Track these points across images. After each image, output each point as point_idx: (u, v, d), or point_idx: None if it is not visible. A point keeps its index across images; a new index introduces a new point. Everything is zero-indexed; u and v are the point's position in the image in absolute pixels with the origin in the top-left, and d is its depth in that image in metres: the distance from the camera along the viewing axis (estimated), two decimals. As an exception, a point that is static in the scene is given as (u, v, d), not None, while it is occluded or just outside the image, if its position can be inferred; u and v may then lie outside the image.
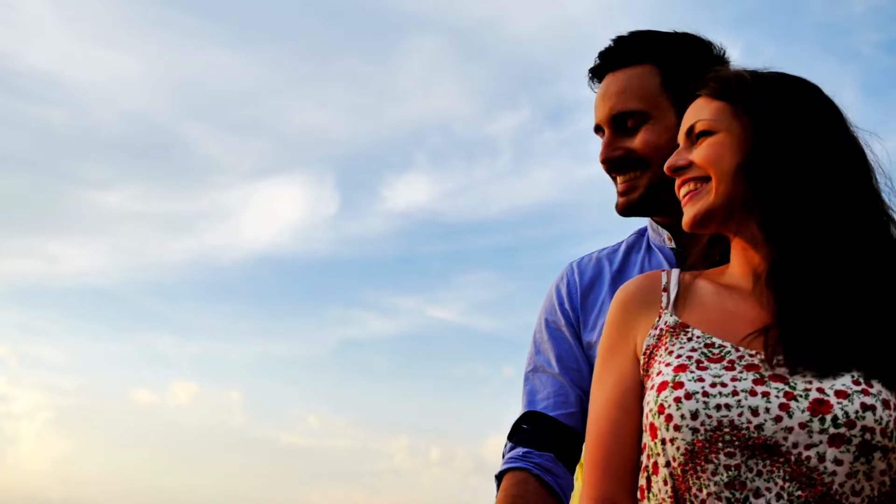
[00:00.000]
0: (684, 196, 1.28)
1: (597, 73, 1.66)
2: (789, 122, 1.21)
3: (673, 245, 1.64)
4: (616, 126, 1.60)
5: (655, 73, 1.60)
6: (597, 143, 1.75)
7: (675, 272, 1.33)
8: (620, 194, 1.62)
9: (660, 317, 1.25)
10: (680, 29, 1.66)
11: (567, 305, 1.69)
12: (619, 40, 1.65)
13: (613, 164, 1.61)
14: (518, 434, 1.62)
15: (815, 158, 1.19)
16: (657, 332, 1.23)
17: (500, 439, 1.70)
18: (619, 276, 1.68)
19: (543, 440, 1.58)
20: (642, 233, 1.75)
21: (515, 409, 1.71)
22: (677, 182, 1.30)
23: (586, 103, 1.74)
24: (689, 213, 1.27)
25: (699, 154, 1.26)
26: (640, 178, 1.59)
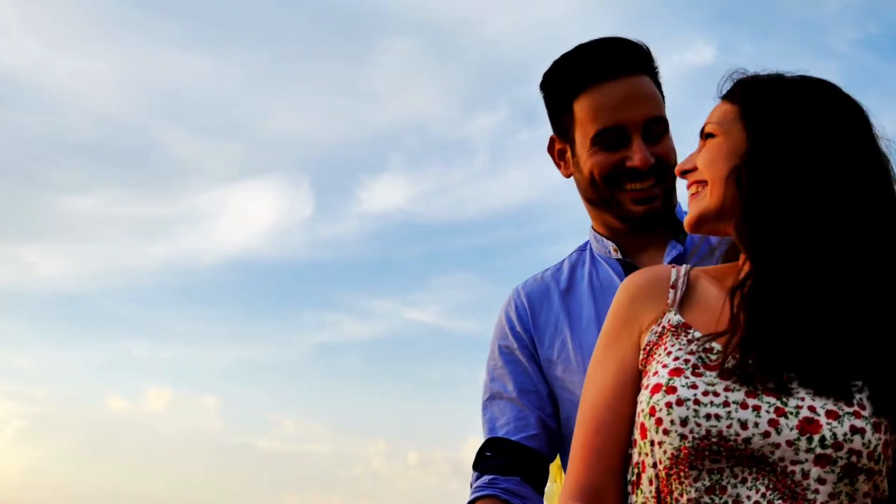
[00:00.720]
0: (689, 198, 1.28)
1: (613, 72, 1.58)
2: (785, 128, 1.18)
3: (619, 256, 1.63)
4: (646, 131, 1.57)
5: (655, 84, 1.62)
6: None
7: (685, 268, 1.30)
8: (640, 201, 1.59)
9: (664, 314, 1.23)
10: (656, 29, 1.68)
11: (519, 328, 1.67)
12: (630, 46, 1.61)
13: (652, 168, 1.57)
14: (482, 462, 1.60)
15: (806, 168, 1.15)
16: (659, 329, 1.21)
17: (478, 442, 1.69)
18: (567, 294, 1.67)
19: (508, 465, 1.57)
20: (583, 248, 1.74)
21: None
22: (687, 184, 1.30)
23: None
24: (688, 215, 1.27)
25: (700, 157, 1.26)
26: (656, 186, 1.58)
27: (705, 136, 1.27)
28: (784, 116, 1.19)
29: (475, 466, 1.62)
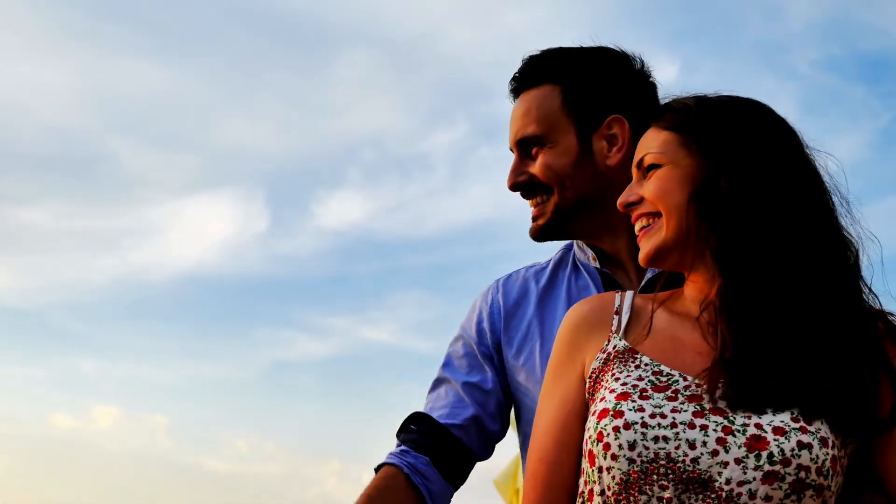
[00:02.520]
0: (639, 231, 1.28)
1: (513, 95, 1.67)
2: (736, 149, 1.20)
3: (597, 265, 1.63)
4: (522, 150, 1.62)
5: (557, 93, 1.59)
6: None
7: (629, 295, 1.31)
8: (531, 219, 1.64)
9: (609, 340, 1.24)
10: (618, 44, 1.66)
11: (486, 325, 1.68)
12: (528, 60, 1.65)
13: (520, 189, 1.63)
14: (404, 432, 1.64)
15: (764, 185, 1.18)
16: (604, 355, 1.22)
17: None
18: (546, 294, 1.68)
19: (424, 442, 1.60)
20: (569, 248, 1.74)
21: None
22: (632, 217, 1.29)
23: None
24: (643, 249, 1.26)
25: (648, 189, 1.25)
26: (547, 203, 1.60)
27: (647, 167, 1.27)
28: (731, 138, 1.21)
29: (398, 434, 1.65)
